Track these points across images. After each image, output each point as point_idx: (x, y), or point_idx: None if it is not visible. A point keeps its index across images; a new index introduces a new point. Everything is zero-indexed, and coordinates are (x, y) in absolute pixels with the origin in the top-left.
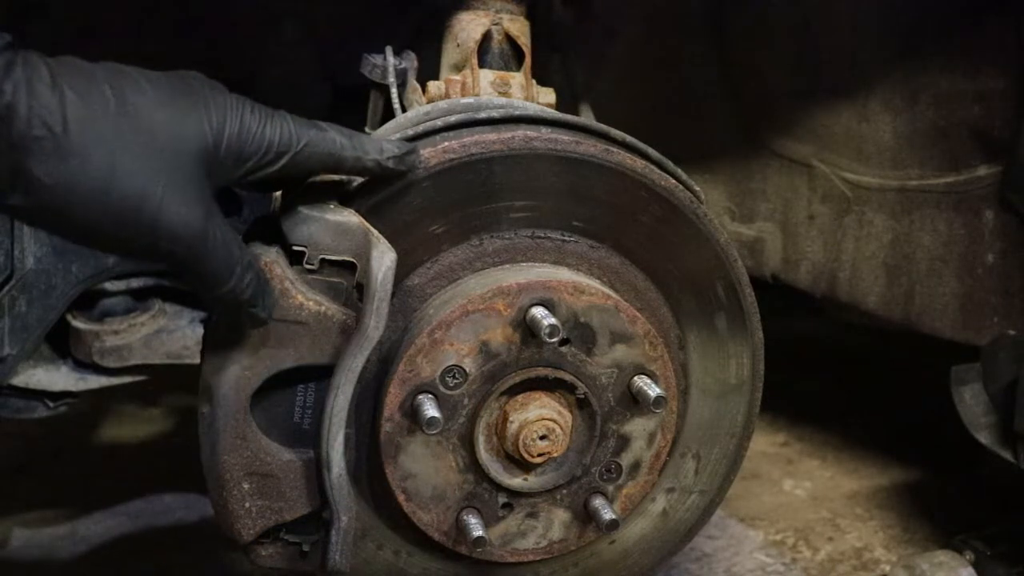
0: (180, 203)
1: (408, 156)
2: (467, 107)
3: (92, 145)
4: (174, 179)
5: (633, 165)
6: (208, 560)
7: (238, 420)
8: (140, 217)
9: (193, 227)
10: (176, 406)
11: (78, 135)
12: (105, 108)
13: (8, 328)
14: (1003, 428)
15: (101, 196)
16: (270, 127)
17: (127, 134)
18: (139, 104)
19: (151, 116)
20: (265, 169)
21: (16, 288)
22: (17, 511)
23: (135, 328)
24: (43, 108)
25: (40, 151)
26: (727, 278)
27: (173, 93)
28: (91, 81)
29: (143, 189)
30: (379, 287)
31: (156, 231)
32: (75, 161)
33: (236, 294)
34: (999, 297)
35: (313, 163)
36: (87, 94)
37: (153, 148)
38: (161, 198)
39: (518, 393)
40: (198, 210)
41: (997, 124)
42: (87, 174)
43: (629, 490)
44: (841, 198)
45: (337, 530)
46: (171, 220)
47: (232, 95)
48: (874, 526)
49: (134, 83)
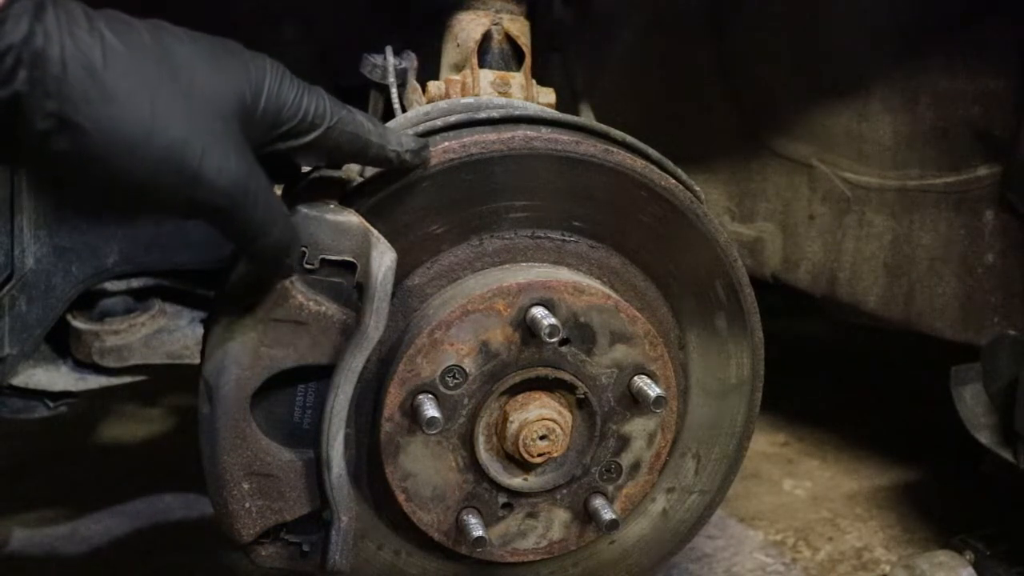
0: (222, 153)
1: (423, 151)
2: (467, 107)
3: (134, 90)
4: (215, 129)
5: (633, 165)
6: (208, 560)
7: (238, 420)
8: (183, 166)
9: (235, 177)
10: (176, 406)
11: (119, 79)
12: (145, 54)
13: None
14: (1003, 428)
15: (143, 143)
16: (307, 97)
17: (168, 81)
18: (180, 53)
19: (192, 66)
20: (298, 138)
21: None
22: (17, 511)
23: (135, 328)
24: (82, 52)
25: (81, 96)
26: (727, 278)
27: (213, 48)
28: (131, 28)
29: (186, 137)
30: (379, 287)
31: (198, 181)
32: (116, 106)
33: (277, 245)
34: (999, 297)
35: (342, 142)
36: (127, 39)
37: (195, 97)
38: (203, 147)
39: (518, 393)
40: (239, 161)
41: (997, 124)
42: (129, 120)
43: (629, 490)
44: (841, 198)
45: (337, 530)
46: (213, 170)
47: (272, 60)
48: (874, 526)
49: (174, 35)
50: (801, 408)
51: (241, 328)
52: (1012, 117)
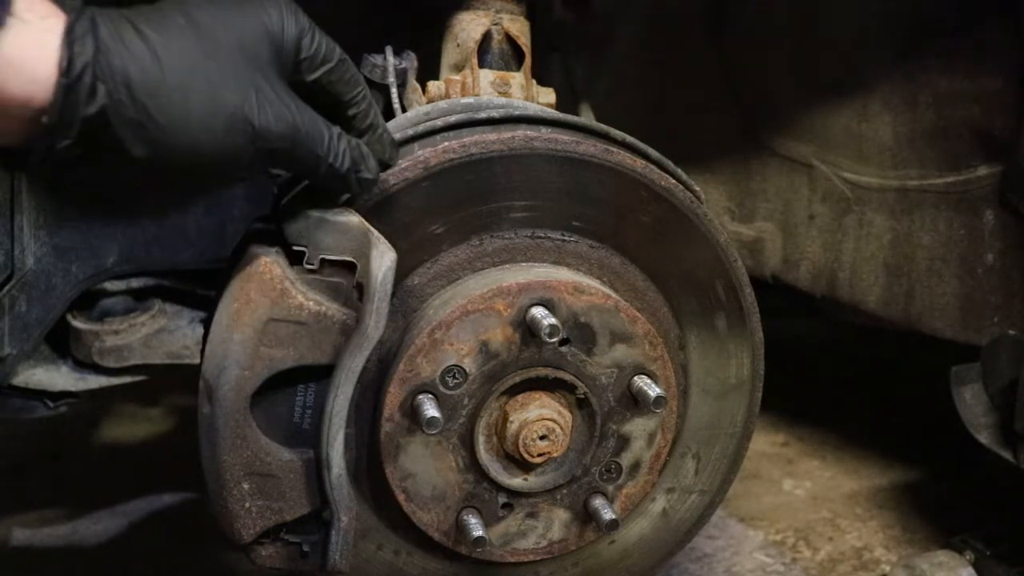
0: (271, 102)
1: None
2: (467, 107)
3: (188, 75)
4: (260, 81)
5: (633, 165)
6: (208, 560)
7: (238, 420)
8: (245, 127)
9: (286, 119)
10: (176, 406)
11: (174, 70)
12: (185, 37)
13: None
14: (1003, 428)
15: (211, 118)
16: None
17: (211, 53)
18: (209, 22)
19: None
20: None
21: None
22: (17, 511)
23: (135, 328)
24: (136, 56)
25: (149, 96)
26: (727, 278)
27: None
28: (164, 16)
29: (242, 101)
30: (379, 287)
31: (260, 134)
32: (180, 94)
33: (337, 166)
34: (999, 297)
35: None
36: (166, 30)
37: (235, 58)
38: (256, 103)
39: (518, 393)
40: (287, 102)
41: (997, 124)
42: (194, 102)
43: (629, 490)
44: (841, 198)
45: (337, 530)
46: (269, 119)
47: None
48: (874, 526)
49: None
50: (801, 408)
51: (241, 328)
52: (1012, 117)
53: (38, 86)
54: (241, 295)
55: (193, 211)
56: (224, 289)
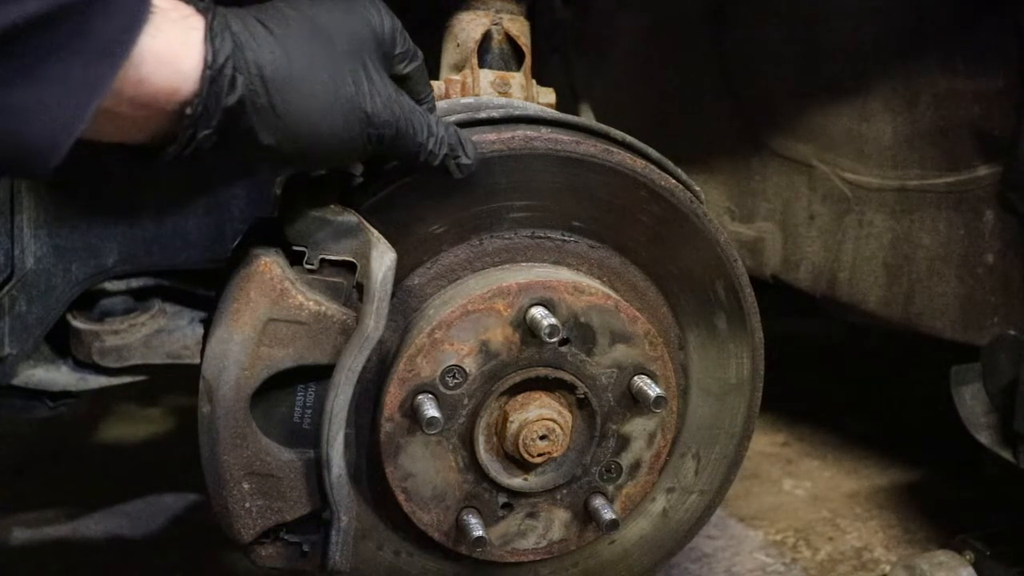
0: (379, 91)
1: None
2: (467, 107)
3: (308, 66)
4: (371, 74)
5: (633, 165)
6: (208, 560)
7: (238, 420)
8: (360, 115)
9: (392, 107)
10: (176, 406)
11: (296, 62)
12: (301, 31)
13: (8, 328)
14: (1003, 428)
15: (332, 106)
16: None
17: (325, 45)
18: (319, 15)
19: (332, 22)
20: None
21: (16, 288)
22: (17, 511)
23: (135, 328)
24: (264, 50)
25: (275, 91)
26: (727, 278)
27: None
28: (279, 12)
29: (356, 91)
30: (379, 287)
31: (372, 122)
32: (306, 84)
33: (436, 153)
34: (999, 297)
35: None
36: (284, 25)
37: (346, 51)
38: (368, 92)
39: (518, 393)
40: (391, 92)
41: (997, 124)
42: (317, 91)
43: (629, 490)
44: (841, 198)
45: (337, 530)
46: (379, 108)
47: None
48: (874, 526)
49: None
50: (801, 408)
51: (241, 328)
52: (1012, 117)
53: (184, 78)
54: (241, 295)
55: (193, 211)
56: (224, 289)
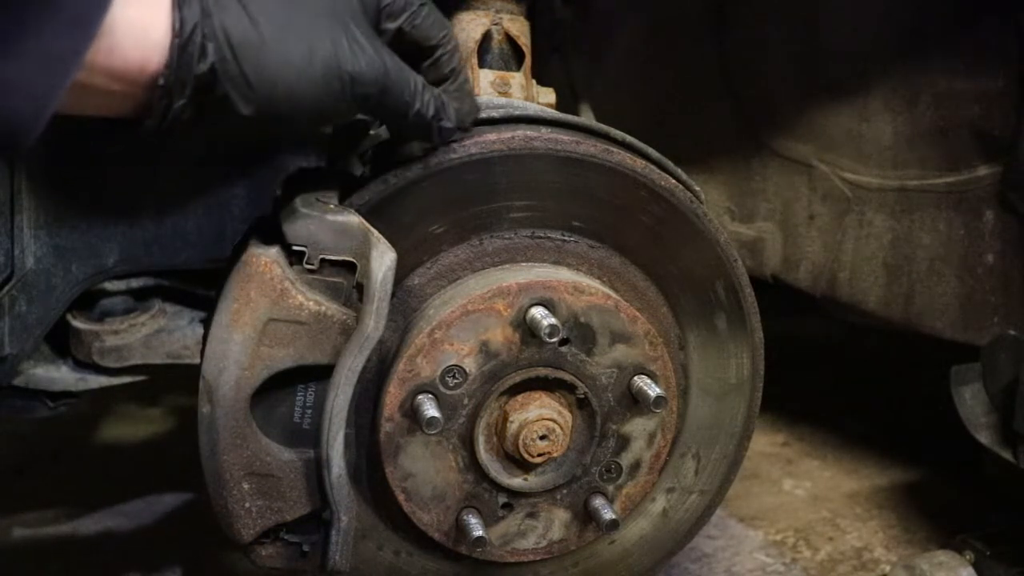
0: (362, 49)
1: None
2: None
3: (283, 31)
4: (350, 29)
5: (633, 165)
6: (208, 560)
7: (238, 420)
8: (340, 74)
9: (376, 65)
10: (176, 406)
11: (267, 24)
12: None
13: (8, 328)
14: (1003, 428)
15: (308, 70)
16: None
17: (301, 8)
18: None
19: None
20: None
21: (16, 288)
22: (17, 511)
23: (135, 328)
24: (232, 14)
25: (245, 57)
26: (727, 278)
27: None
28: None
29: (334, 49)
30: (379, 287)
31: (354, 81)
32: (278, 45)
33: (423, 113)
34: (999, 297)
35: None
36: None
37: (326, 11)
38: (348, 51)
39: (518, 393)
40: (375, 49)
41: (997, 124)
42: (291, 53)
43: (629, 490)
44: (841, 198)
45: (337, 530)
46: (360, 66)
47: None
48: (874, 526)
49: None
50: (801, 408)
51: (241, 328)
52: (1012, 117)
53: (154, 49)
54: (241, 295)
55: (193, 211)
56: (224, 289)
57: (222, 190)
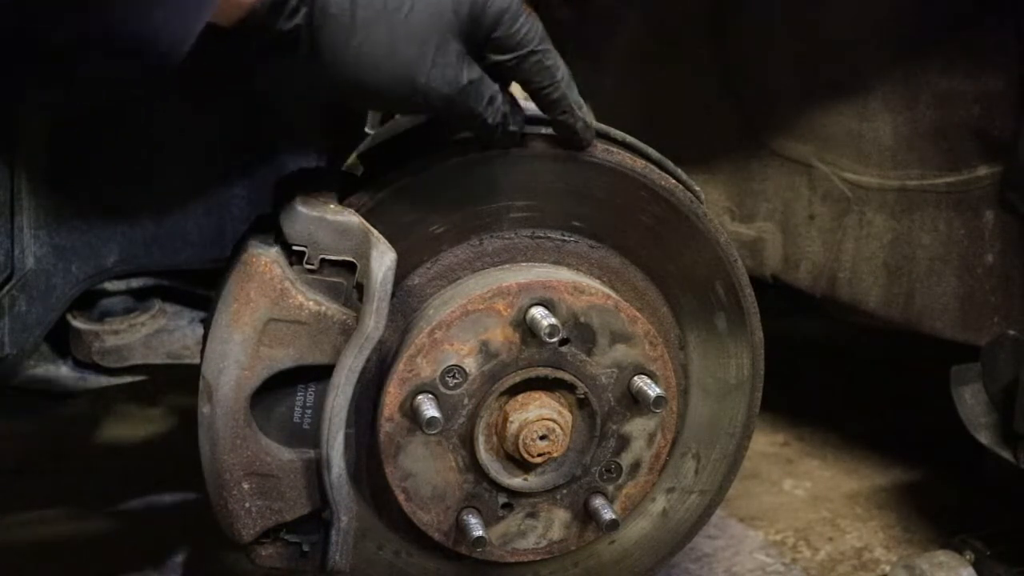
0: (444, 68)
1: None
2: None
3: (374, 22)
4: (437, 44)
5: (633, 165)
6: (208, 560)
7: (238, 420)
8: (414, 82)
9: (454, 86)
10: (176, 406)
11: (364, 10)
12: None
13: (8, 328)
14: (1003, 428)
15: (383, 64)
16: (523, 16)
17: (406, 6)
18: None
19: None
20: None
21: (16, 288)
22: (17, 511)
23: (135, 328)
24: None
25: (334, 27)
26: (727, 278)
27: None
28: None
29: (415, 60)
30: (379, 287)
31: (426, 93)
32: (363, 33)
33: (490, 122)
34: (999, 297)
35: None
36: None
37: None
38: (430, 66)
39: (518, 393)
40: (458, 71)
41: (997, 124)
42: (373, 44)
43: (629, 490)
44: (841, 198)
45: (337, 530)
46: (437, 83)
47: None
48: (874, 526)
49: None
50: (801, 408)
51: (241, 328)
52: (1012, 117)
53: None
54: (241, 295)
55: (193, 211)
56: (224, 289)
57: (222, 190)
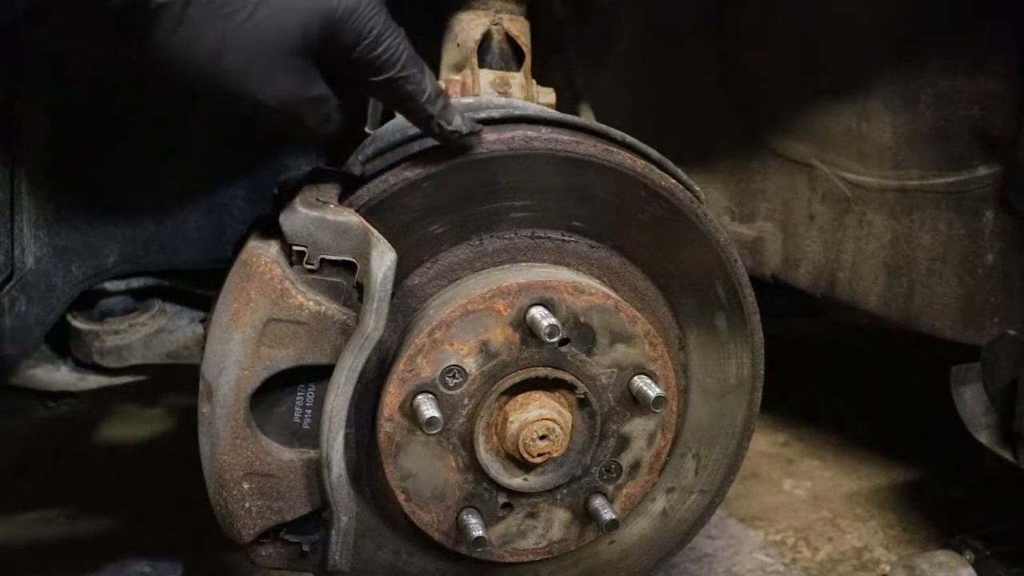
0: (276, 82)
1: (470, 136)
2: (467, 107)
3: (207, 22)
4: (276, 62)
5: (633, 165)
6: (208, 560)
7: (238, 420)
8: (243, 89)
9: (286, 101)
10: (176, 406)
11: (197, 9)
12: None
13: (8, 328)
14: (1003, 428)
15: (208, 68)
16: (387, 42)
17: (245, 11)
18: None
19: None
20: (365, 74)
21: (16, 288)
22: (17, 511)
23: (135, 328)
24: None
25: (163, 17)
26: (727, 278)
27: None
28: None
29: (242, 69)
30: (379, 287)
31: (258, 101)
32: (189, 33)
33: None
34: (999, 297)
35: (398, 96)
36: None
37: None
38: (261, 76)
39: (518, 393)
40: (296, 87)
41: (997, 124)
42: (197, 47)
43: (629, 490)
44: (841, 198)
45: (337, 530)
46: (266, 96)
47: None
48: (874, 526)
49: None
50: (801, 408)
51: (241, 328)
52: (1012, 117)
53: None
54: (241, 295)
55: (193, 211)
56: (224, 289)
57: (222, 190)
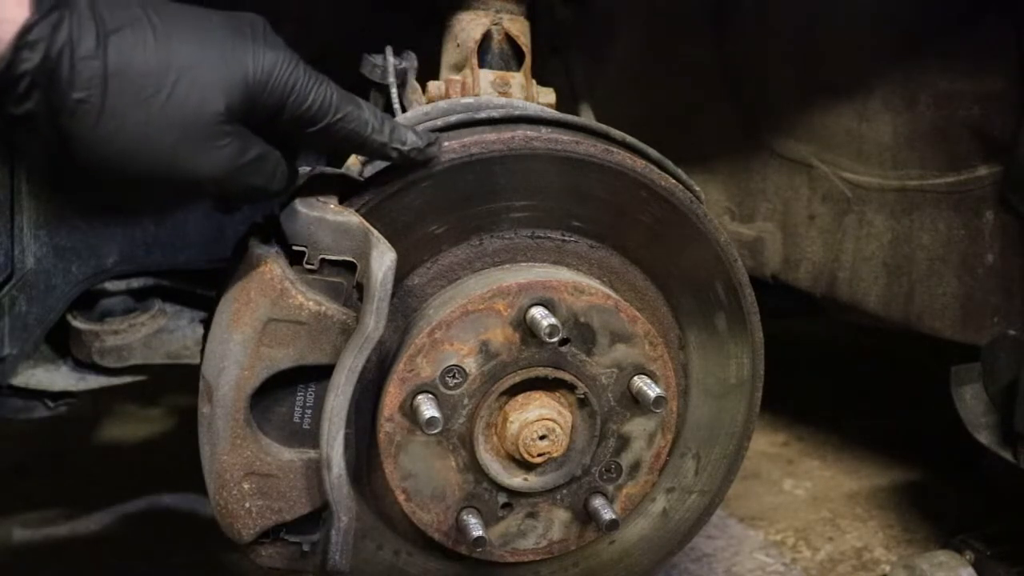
0: (212, 151)
1: (430, 148)
2: (467, 107)
3: (129, 109)
4: (207, 133)
5: (633, 165)
6: (208, 560)
7: (238, 420)
8: (178, 169)
9: (226, 168)
10: (176, 406)
11: (116, 98)
12: (147, 64)
13: (8, 328)
14: (1003, 428)
15: (136, 154)
16: (316, 91)
17: (167, 89)
18: (183, 52)
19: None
20: (303, 127)
21: (16, 288)
22: (17, 511)
23: (135, 328)
24: (87, 72)
25: (81, 113)
26: (727, 278)
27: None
28: (136, 34)
29: (175, 148)
30: (379, 287)
31: (194, 176)
32: (115, 123)
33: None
34: (999, 297)
35: (342, 136)
36: (130, 52)
37: (189, 102)
38: (194, 152)
39: (518, 393)
40: (233, 152)
41: (997, 124)
42: (123, 136)
43: (629, 490)
44: (841, 198)
45: (337, 530)
46: (206, 168)
47: (287, 50)
48: (874, 526)
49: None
50: (801, 408)
51: (241, 328)
52: (1012, 117)
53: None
54: (241, 295)
55: (193, 211)
56: (224, 289)
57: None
